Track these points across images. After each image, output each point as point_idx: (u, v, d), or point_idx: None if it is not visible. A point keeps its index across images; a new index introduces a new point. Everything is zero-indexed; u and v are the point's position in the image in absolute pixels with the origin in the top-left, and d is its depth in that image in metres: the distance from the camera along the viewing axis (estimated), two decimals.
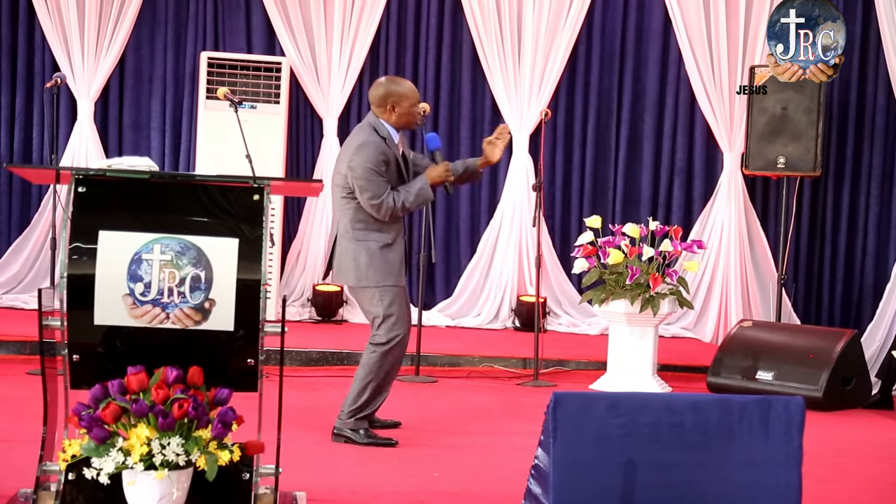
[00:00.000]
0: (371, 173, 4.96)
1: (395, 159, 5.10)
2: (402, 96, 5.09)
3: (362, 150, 5.01)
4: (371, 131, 5.09)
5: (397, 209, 5.02)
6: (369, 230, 5.06)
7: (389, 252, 5.09)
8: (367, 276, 5.07)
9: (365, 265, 5.06)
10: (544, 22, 8.79)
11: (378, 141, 5.04)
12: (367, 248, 5.06)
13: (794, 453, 3.24)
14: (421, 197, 5.09)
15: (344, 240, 5.11)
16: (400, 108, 5.09)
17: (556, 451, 3.14)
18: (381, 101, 5.10)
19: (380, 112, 5.12)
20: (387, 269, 5.07)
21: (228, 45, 8.77)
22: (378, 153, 4.99)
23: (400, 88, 5.13)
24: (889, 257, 8.68)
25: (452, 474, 4.64)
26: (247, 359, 3.49)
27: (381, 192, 4.98)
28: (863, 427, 6.31)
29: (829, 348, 6.80)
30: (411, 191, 5.06)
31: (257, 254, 3.48)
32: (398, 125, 5.14)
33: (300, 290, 8.80)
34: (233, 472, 3.40)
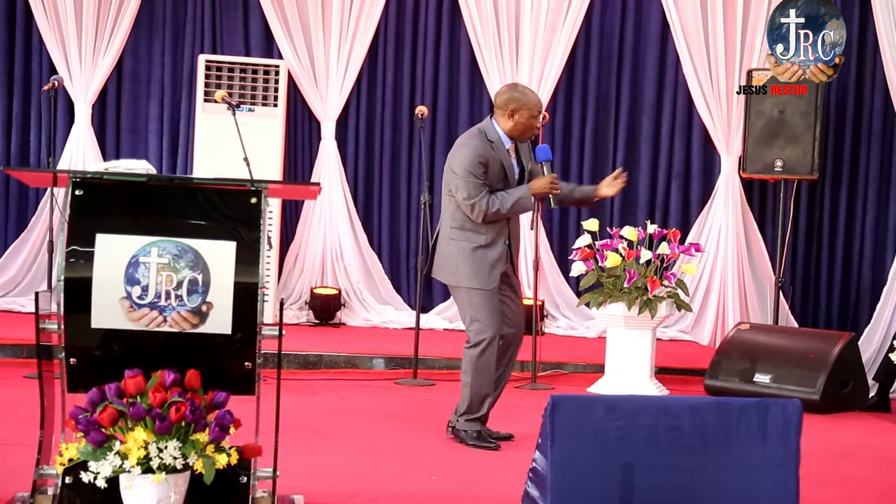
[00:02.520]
0: (467, 174, 5.01)
1: (501, 164, 5.11)
2: (523, 105, 5.09)
3: (461, 151, 5.10)
4: (478, 133, 5.16)
5: (490, 212, 5.02)
6: (465, 230, 5.11)
7: (483, 253, 5.09)
8: (457, 276, 5.14)
9: (457, 265, 5.12)
10: (542, 24, 8.79)
11: (481, 143, 5.08)
12: (461, 249, 5.10)
13: (792, 456, 3.24)
14: (519, 205, 5.08)
15: (443, 238, 5.20)
16: (519, 115, 5.09)
17: (553, 454, 3.13)
18: (504, 104, 5.12)
19: (499, 115, 5.15)
20: (477, 270, 5.08)
21: (226, 48, 8.77)
22: (476, 154, 5.03)
23: (523, 97, 5.13)
24: (886, 260, 8.68)
25: (450, 477, 4.64)
26: (244, 362, 3.49)
27: (476, 194, 5.00)
28: (860, 430, 6.31)
29: (827, 351, 6.80)
30: (509, 197, 5.06)
31: (255, 257, 3.48)
32: (513, 133, 5.14)
33: (298, 293, 8.79)
34: (230, 475, 3.40)
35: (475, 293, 5.09)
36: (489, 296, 5.09)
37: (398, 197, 9.07)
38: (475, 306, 5.10)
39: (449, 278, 5.21)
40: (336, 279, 8.81)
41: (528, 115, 5.09)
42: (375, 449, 5.06)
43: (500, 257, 5.12)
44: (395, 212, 9.08)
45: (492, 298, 5.10)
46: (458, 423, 5.24)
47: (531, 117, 5.10)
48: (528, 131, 5.15)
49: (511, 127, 5.10)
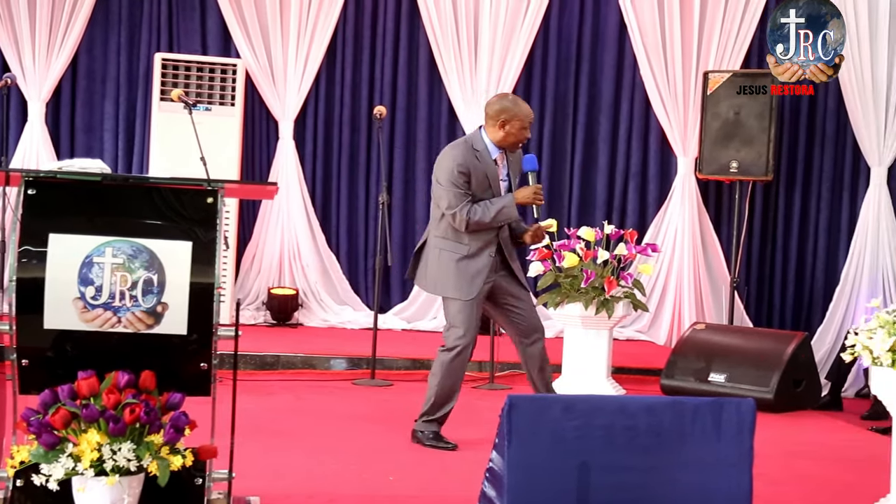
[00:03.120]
0: (449, 183, 5.03)
1: (485, 174, 5.10)
2: (514, 115, 5.07)
3: (443, 160, 5.12)
4: (462, 143, 5.17)
5: (472, 221, 5.01)
6: (448, 239, 5.13)
7: (466, 264, 5.09)
8: (437, 285, 5.18)
9: (438, 274, 5.14)
10: (501, 26, 8.81)
11: (463, 153, 5.08)
12: (442, 258, 5.12)
13: (746, 454, 3.28)
14: (503, 214, 5.07)
15: (427, 246, 5.21)
16: (510, 126, 5.07)
17: (510, 454, 3.14)
18: (496, 114, 5.09)
19: (489, 125, 5.13)
20: (457, 280, 5.09)
21: (183, 47, 8.70)
22: (456, 164, 5.03)
23: (515, 108, 5.10)
24: (839, 261, 8.79)
25: (408, 478, 4.64)
26: (200, 363, 3.47)
27: (457, 203, 5.01)
28: (813, 428, 6.39)
29: (780, 351, 6.88)
30: (493, 206, 5.05)
31: (211, 257, 3.46)
32: (503, 143, 5.12)
33: (255, 293, 8.75)
34: (185, 477, 3.37)
35: (454, 302, 5.11)
36: (468, 305, 5.10)
37: (356, 197, 9.05)
38: (453, 314, 5.12)
39: (428, 286, 5.27)
40: (293, 279, 8.78)
41: (520, 125, 5.08)
42: (333, 450, 5.05)
43: (483, 268, 5.11)
44: (353, 212, 9.06)
45: (471, 308, 5.11)
46: (416, 423, 5.25)
47: (522, 128, 5.10)
48: (518, 142, 5.15)
49: (501, 137, 5.09)
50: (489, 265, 5.12)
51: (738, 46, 8.72)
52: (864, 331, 3.91)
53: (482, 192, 5.08)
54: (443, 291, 5.16)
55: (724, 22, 8.71)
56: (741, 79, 8.22)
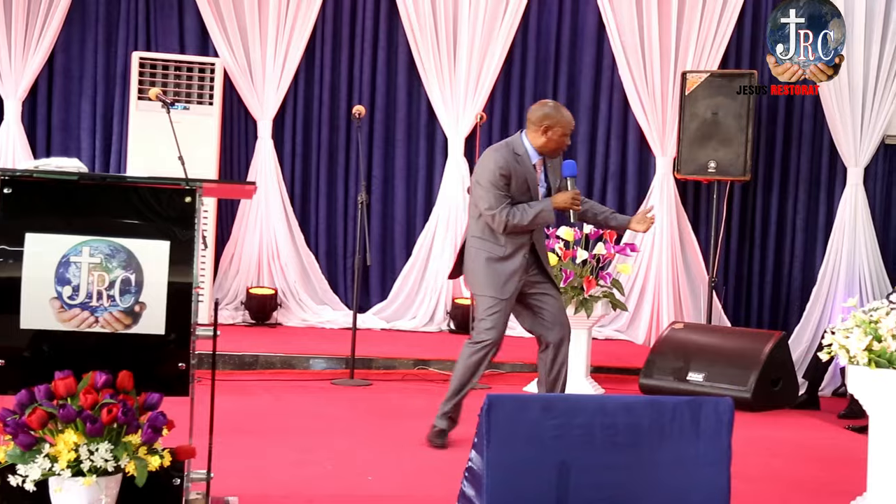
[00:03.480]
0: (489, 185, 5.07)
1: (525, 178, 5.13)
2: (557, 122, 5.11)
3: (485, 162, 5.16)
4: (504, 146, 5.20)
5: (511, 223, 5.06)
6: (485, 240, 5.19)
7: (501, 264, 5.15)
8: (475, 282, 5.26)
9: (476, 271, 5.21)
10: (480, 26, 8.82)
11: (504, 156, 5.11)
12: (480, 257, 5.18)
13: (724, 453, 3.29)
14: (540, 218, 5.12)
15: (468, 244, 5.28)
16: (552, 132, 5.11)
17: (489, 454, 3.14)
18: (539, 120, 5.13)
19: (532, 130, 5.16)
20: (493, 280, 5.16)
21: (161, 46, 8.67)
22: (497, 167, 5.07)
23: (558, 115, 5.14)
24: (816, 260, 8.85)
25: (386, 477, 4.63)
26: (178, 363, 3.45)
27: (497, 205, 5.06)
28: (790, 427, 6.42)
29: (758, 350, 6.91)
30: (531, 210, 5.09)
31: (189, 256, 3.45)
32: (544, 149, 5.16)
33: (234, 293, 8.72)
34: (163, 477, 3.35)
35: (488, 299, 5.18)
36: (500, 304, 5.17)
37: (335, 197, 9.03)
38: (485, 309, 5.19)
39: (469, 282, 5.38)
40: (272, 279, 8.76)
41: (562, 132, 5.13)
42: (311, 449, 5.04)
43: (517, 269, 5.17)
44: (332, 211, 9.04)
45: (503, 307, 5.18)
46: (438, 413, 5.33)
47: (563, 135, 5.14)
48: (559, 148, 5.19)
49: (543, 143, 5.14)
50: (523, 266, 5.19)
51: (715, 47, 8.77)
52: (841, 330, 3.93)
53: (521, 196, 5.13)
54: (478, 289, 5.24)
55: (702, 22, 8.75)
56: (719, 79, 8.26)
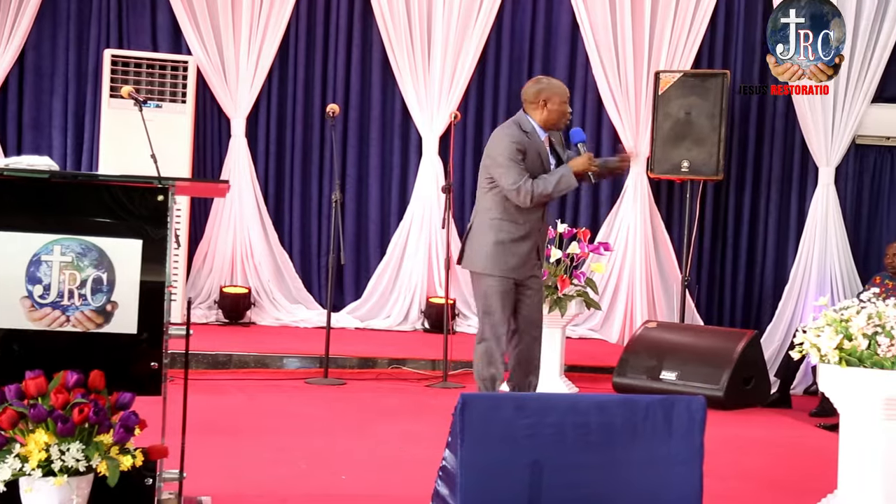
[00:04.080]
0: (508, 161, 5.10)
1: (538, 152, 5.19)
2: (553, 92, 5.22)
3: (499, 140, 5.21)
4: (512, 123, 5.26)
5: (536, 193, 5.08)
6: (502, 220, 5.18)
7: (513, 246, 5.16)
8: (481, 263, 5.18)
9: (484, 251, 5.17)
10: (454, 24, 8.82)
11: (517, 132, 5.18)
12: (490, 238, 5.16)
13: (696, 452, 3.30)
14: (563, 184, 5.15)
15: (477, 230, 5.24)
16: (551, 103, 5.20)
17: (463, 453, 3.14)
18: (535, 96, 5.23)
19: (531, 109, 5.24)
20: (502, 260, 5.15)
21: (133, 43, 8.61)
22: (512, 142, 5.13)
23: (551, 85, 5.28)
24: (788, 260, 8.91)
25: (360, 476, 4.63)
26: (150, 362, 3.43)
27: (519, 178, 5.08)
28: (762, 425, 6.46)
29: (730, 349, 6.95)
30: (552, 178, 5.14)
31: (162, 255, 3.43)
32: (547, 123, 5.23)
33: (207, 291, 8.68)
34: (135, 477, 3.33)
35: (491, 280, 5.14)
36: (504, 287, 5.14)
37: (309, 195, 9.01)
38: (490, 296, 5.15)
39: (472, 263, 5.26)
40: (246, 278, 8.72)
41: (559, 100, 5.22)
42: (285, 449, 5.02)
43: (531, 252, 5.20)
44: (306, 210, 9.02)
45: (505, 291, 5.15)
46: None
47: (562, 102, 5.23)
48: (561, 118, 5.26)
49: (545, 117, 5.21)
50: (535, 251, 5.23)
51: (688, 47, 8.81)
52: (812, 329, 3.96)
53: (535, 171, 5.17)
54: (484, 267, 5.17)
55: (675, 22, 8.79)
56: (692, 79, 8.30)
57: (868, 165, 9.03)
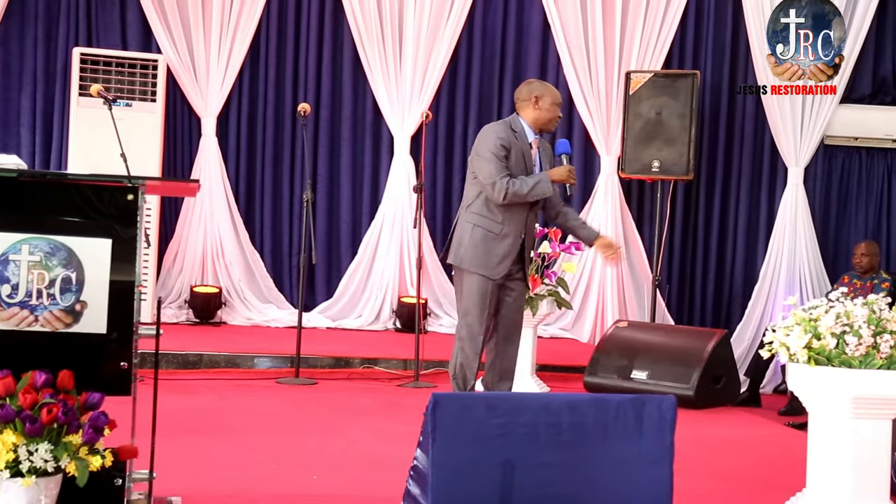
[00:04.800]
0: (490, 155, 5.11)
1: (522, 153, 5.18)
2: (544, 92, 5.26)
3: (483, 135, 5.25)
4: (502, 122, 5.32)
5: (510, 191, 5.07)
6: (483, 216, 5.18)
7: (493, 243, 5.14)
8: (460, 257, 5.18)
9: (464, 246, 5.17)
10: (425, 23, 8.82)
11: (504, 129, 5.22)
12: (476, 233, 5.16)
13: (667, 451, 3.32)
14: (538, 189, 5.12)
15: (460, 222, 5.26)
16: (542, 102, 5.22)
17: (435, 452, 3.14)
18: (528, 94, 5.26)
19: (524, 108, 5.27)
20: (482, 257, 5.14)
21: (102, 42, 8.56)
22: (498, 137, 5.15)
23: (544, 87, 5.33)
24: (757, 259, 8.98)
25: (331, 476, 4.62)
26: (120, 362, 3.41)
27: (497, 174, 5.08)
28: (732, 424, 6.50)
29: (701, 348, 6.99)
30: (529, 181, 5.12)
31: (131, 254, 3.41)
32: (537, 122, 5.24)
33: (177, 291, 8.64)
34: (105, 477, 3.31)
35: (472, 279, 5.13)
36: (484, 285, 5.12)
37: (280, 194, 8.98)
38: (471, 295, 5.14)
39: (452, 257, 5.24)
40: (217, 277, 8.69)
41: (551, 101, 5.24)
42: (256, 449, 5.01)
43: (510, 252, 5.17)
44: (277, 209, 8.99)
45: (485, 289, 5.13)
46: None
47: (554, 104, 5.25)
48: (552, 119, 5.27)
49: (536, 116, 5.22)
50: (516, 250, 5.19)
51: (659, 47, 8.85)
52: (782, 328, 3.98)
53: (518, 171, 5.16)
54: (465, 263, 5.16)
55: (646, 23, 8.83)
56: (663, 79, 8.34)
57: (836, 166, 9.11)
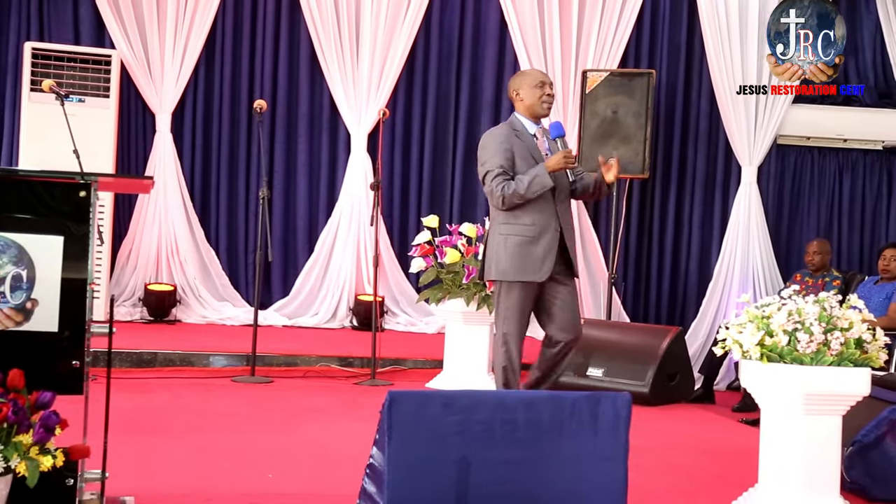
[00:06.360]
0: (486, 162, 5.04)
1: (528, 150, 5.06)
2: (521, 82, 5.15)
3: (481, 143, 5.17)
4: (504, 125, 5.22)
5: (508, 195, 4.94)
6: (511, 224, 5.03)
7: (531, 246, 4.97)
8: (502, 270, 5.01)
9: (503, 259, 5.00)
10: (382, 21, 8.81)
11: (504, 131, 5.13)
12: (508, 242, 5.00)
13: (621, 447, 3.34)
14: (537, 184, 4.93)
15: (490, 233, 5.14)
16: (523, 91, 5.11)
17: (391, 450, 3.14)
18: (510, 92, 5.21)
19: (514, 103, 5.20)
20: (514, 262, 4.97)
21: (55, 36, 8.46)
22: (496, 143, 5.04)
23: (521, 76, 5.23)
24: (712, 257, 9.05)
25: (287, 475, 4.60)
26: (72, 361, 3.38)
27: (492, 182, 5.00)
28: (686, 421, 6.55)
29: (656, 345, 7.04)
30: (525, 178, 4.95)
31: (84, 252, 3.37)
32: (529, 112, 5.12)
33: (131, 289, 8.56)
34: (56, 477, 3.27)
35: (504, 286, 4.99)
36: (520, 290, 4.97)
37: (236, 192, 8.93)
38: (500, 299, 5.00)
39: (498, 274, 5.04)
40: (171, 275, 8.62)
41: (529, 85, 5.10)
42: (210, 448, 4.97)
43: (550, 248, 4.99)
44: (233, 207, 8.94)
45: (522, 293, 4.98)
46: None
47: (533, 87, 5.09)
48: (539, 102, 5.09)
49: (525, 106, 5.12)
50: (555, 248, 5.00)
51: (615, 46, 8.90)
52: (735, 325, 4.02)
53: (530, 167, 5.02)
54: (495, 273, 5.01)
55: (602, 22, 8.88)
56: (619, 78, 8.39)
57: (789, 165, 9.21)
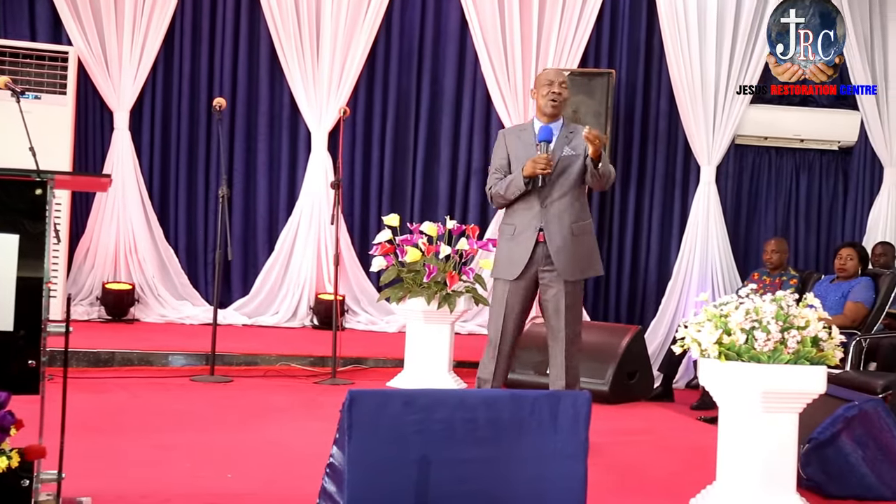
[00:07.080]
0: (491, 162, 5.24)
1: (524, 147, 5.11)
2: (537, 83, 5.21)
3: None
4: (518, 124, 5.34)
5: (494, 195, 5.15)
6: (503, 223, 5.24)
7: (513, 243, 5.12)
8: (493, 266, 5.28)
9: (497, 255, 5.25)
10: (343, 19, 8.78)
11: (508, 131, 5.32)
12: (500, 240, 5.25)
13: (581, 446, 3.35)
14: (513, 185, 5.05)
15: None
16: (537, 93, 5.18)
17: (351, 449, 3.13)
18: (531, 95, 5.32)
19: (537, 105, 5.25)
20: (498, 259, 5.19)
21: (10, 33, 8.36)
22: (497, 144, 5.24)
23: (538, 77, 5.26)
24: (671, 256, 9.12)
25: (247, 475, 4.57)
26: (28, 360, 3.35)
27: (489, 183, 5.18)
28: (646, 419, 6.60)
29: (615, 344, 7.08)
30: (506, 180, 5.10)
31: (40, 250, 3.34)
32: (544, 110, 5.15)
33: (89, 288, 8.48)
34: (11, 478, 3.24)
35: (498, 286, 5.16)
36: (503, 287, 5.12)
37: (195, 190, 8.87)
38: (492, 301, 5.21)
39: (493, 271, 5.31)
40: (130, 274, 8.55)
41: (540, 84, 5.16)
42: (169, 447, 4.93)
43: (527, 247, 5.05)
44: (192, 205, 8.88)
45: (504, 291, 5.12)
46: None
47: (545, 85, 5.13)
48: (551, 101, 5.11)
49: (540, 105, 5.17)
50: (532, 243, 5.06)
51: (575, 46, 8.94)
52: (693, 324, 4.05)
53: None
54: (495, 272, 5.22)
55: (562, 22, 8.91)
56: (579, 77, 8.42)
57: (747, 164, 9.30)
